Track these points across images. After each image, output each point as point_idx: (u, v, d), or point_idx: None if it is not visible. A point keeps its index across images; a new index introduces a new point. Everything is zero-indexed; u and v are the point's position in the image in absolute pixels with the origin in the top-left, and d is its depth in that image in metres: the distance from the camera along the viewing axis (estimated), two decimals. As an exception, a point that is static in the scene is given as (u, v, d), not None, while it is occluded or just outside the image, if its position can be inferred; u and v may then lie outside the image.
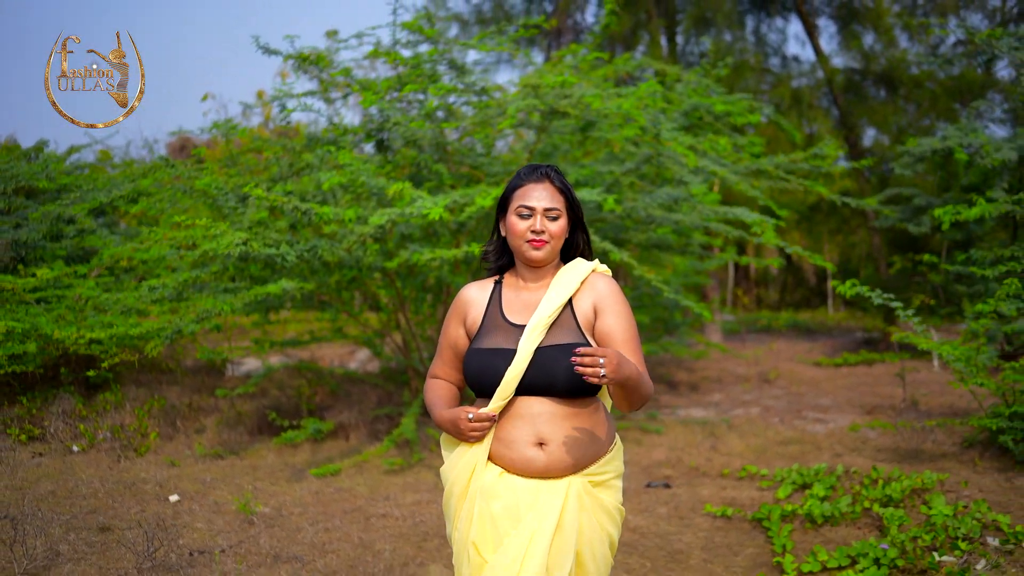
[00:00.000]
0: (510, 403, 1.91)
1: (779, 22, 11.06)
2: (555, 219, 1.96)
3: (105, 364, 5.29)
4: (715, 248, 9.92)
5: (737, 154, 6.80)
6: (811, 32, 10.43)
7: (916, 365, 8.69)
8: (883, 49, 10.43)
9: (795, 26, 11.08)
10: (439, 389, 2.09)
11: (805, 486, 4.46)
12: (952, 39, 14.47)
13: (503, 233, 2.04)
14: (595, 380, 1.72)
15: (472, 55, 11.20)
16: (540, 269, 2.01)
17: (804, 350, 10.48)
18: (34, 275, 7.12)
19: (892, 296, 4.85)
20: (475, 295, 2.06)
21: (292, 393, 6.40)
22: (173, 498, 4.50)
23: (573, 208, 2.01)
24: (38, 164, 9.21)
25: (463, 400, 2.16)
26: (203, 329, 6.32)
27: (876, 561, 3.33)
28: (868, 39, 10.56)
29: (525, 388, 1.89)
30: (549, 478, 1.90)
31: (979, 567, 3.37)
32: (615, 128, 5.54)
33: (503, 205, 2.03)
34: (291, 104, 5.79)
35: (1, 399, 6.43)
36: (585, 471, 1.92)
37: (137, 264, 7.78)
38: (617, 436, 2.04)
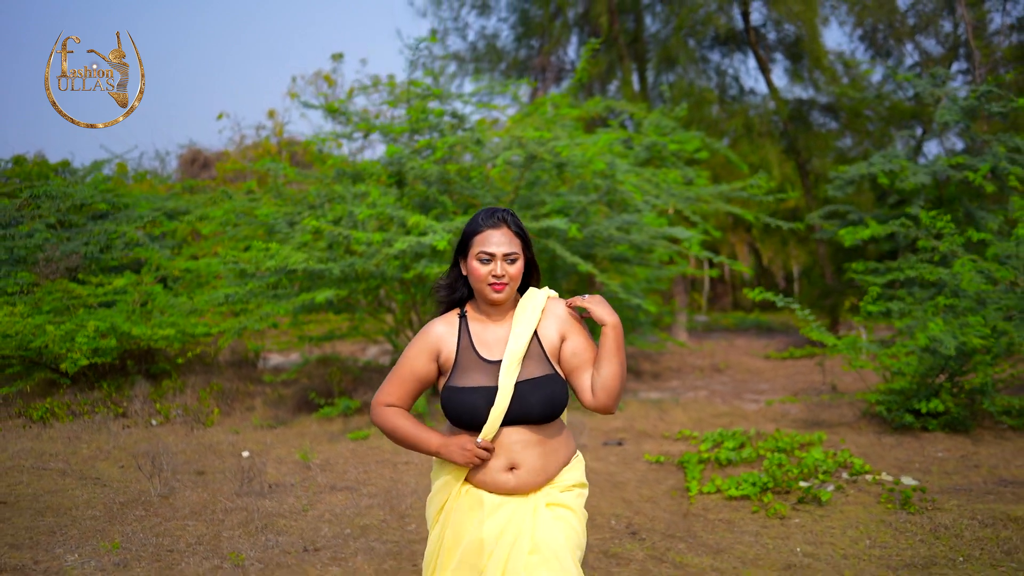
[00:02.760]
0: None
1: (738, 57, 12.57)
2: (513, 262, 2.08)
3: (189, 354, 6.70)
4: (690, 258, 11.38)
5: (689, 184, 8.25)
6: (764, 68, 11.93)
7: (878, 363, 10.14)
8: (827, 83, 11.92)
9: (752, 61, 12.54)
10: (407, 417, 2.15)
11: (723, 442, 5.90)
12: (909, 61, 16.05)
13: (464, 272, 2.14)
14: (584, 304, 2.08)
15: (469, 86, 12.67)
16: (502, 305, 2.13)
17: (760, 346, 11.95)
18: (107, 283, 8.56)
19: (792, 299, 6.30)
20: (444, 331, 2.13)
21: (326, 378, 7.82)
22: (244, 454, 5.93)
23: (528, 248, 2.13)
24: (88, 184, 10.70)
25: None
26: (249, 328, 7.76)
27: (753, 484, 4.77)
28: (816, 74, 12.06)
29: (503, 420, 2.03)
30: (516, 495, 2.07)
31: (828, 488, 4.81)
32: (586, 163, 6.99)
33: (463, 247, 2.12)
34: (304, 128, 7.26)
35: (83, 386, 7.86)
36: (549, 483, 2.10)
37: (184, 273, 9.22)
38: (579, 451, 2.21)
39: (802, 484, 4.81)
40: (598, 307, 2.07)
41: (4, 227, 9.53)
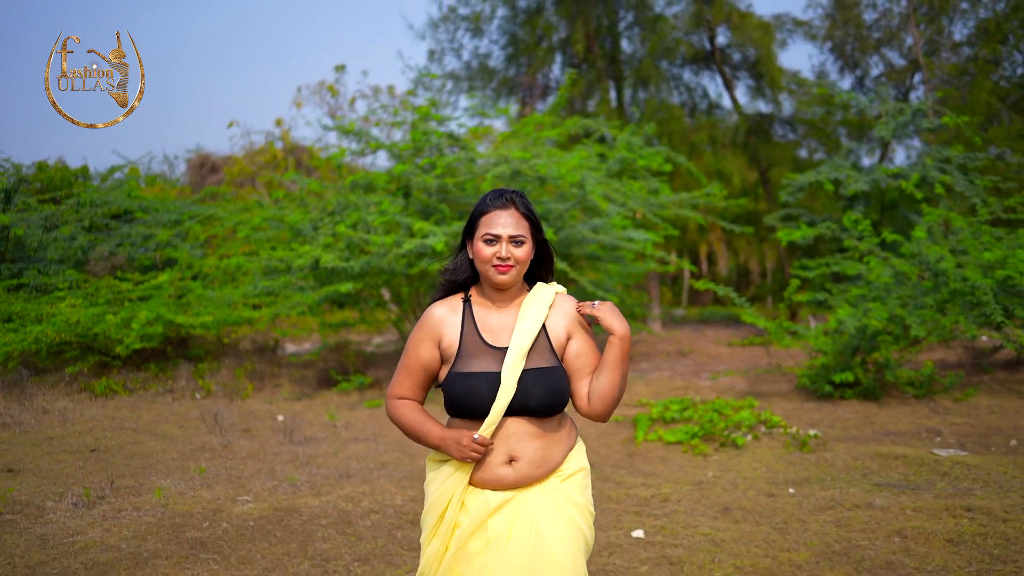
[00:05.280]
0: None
1: (706, 75, 13.91)
2: (520, 244, 2.00)
3: (233, 335, 7.98)
4: (673, 260, 12.71)
5: (654, 192, 9.58)
6: (729, 85, 13.25)
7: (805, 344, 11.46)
8: (787, 98, 13.30)
9: (719, 79, 13.87)
10: (416, 410, 2.10)
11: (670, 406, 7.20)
12: (875, 71, 17.38)
13: (471, 255, 2.07)
14: (594, 313, 2.01)
15: (464, 102, 13.99)
16: (507, 290, 2.06)
17: (727, 335, 13.27)
18: (148, 280, 9.83)
19: (732, 290, 7.60)
20: (445, 315, 2.07)
21: (342, 360, 9.12)
22: (280, 418, 7.22)
23: (537, 231, 2.06)
24: (123, 191, 11.98)
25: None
26: (282, 315, 9.04)
27: (686, 432, 6.07)
28: (775, 91, 13.44)
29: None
30: (519, 489, 2.01)
31: (747, 437, 6.12)
32: (561, 177, 8.31)
33: (470, 228, 2.06)
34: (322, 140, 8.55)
35: (131, 367, 9.14)
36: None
37: (212, 270, 10.50)
38: (580, 439, 2.12)
39: (725, 433, 6.11)
40: (609, 315, 2.02)
41: (48, 230, 10.81)
